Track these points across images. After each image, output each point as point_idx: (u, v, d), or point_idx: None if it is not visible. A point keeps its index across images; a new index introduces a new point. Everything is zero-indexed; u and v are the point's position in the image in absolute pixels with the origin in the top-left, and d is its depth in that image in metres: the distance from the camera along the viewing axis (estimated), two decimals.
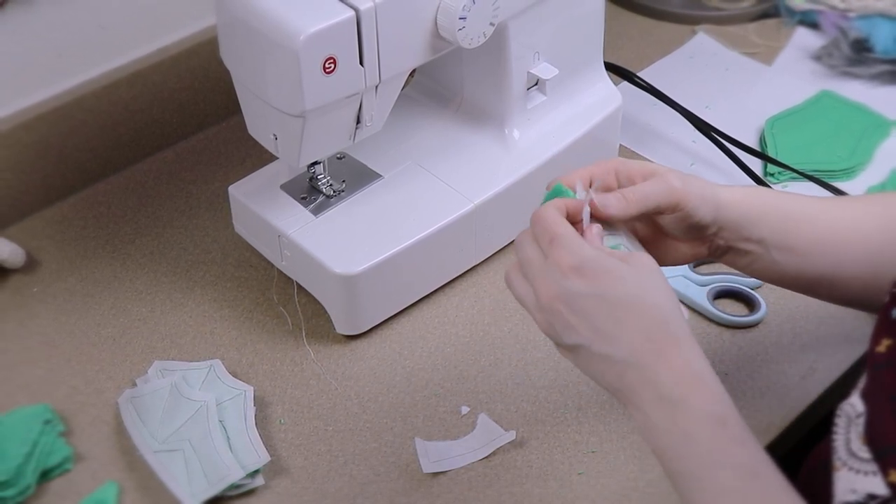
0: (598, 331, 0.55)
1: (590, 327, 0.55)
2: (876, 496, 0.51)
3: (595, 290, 0.55)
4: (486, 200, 0.81)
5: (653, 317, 0.55)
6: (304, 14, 0.68)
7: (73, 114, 0.90)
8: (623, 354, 0.55)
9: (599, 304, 0.55)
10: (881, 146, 0.94)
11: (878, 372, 0.55)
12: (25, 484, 0.69)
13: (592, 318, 0.55)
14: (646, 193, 0.61)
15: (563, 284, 0.56)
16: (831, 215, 0.66)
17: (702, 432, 0.53)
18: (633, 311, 0.55)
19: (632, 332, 0.55)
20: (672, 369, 0.54)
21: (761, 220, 0.65)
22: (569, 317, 0.56)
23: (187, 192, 0.93)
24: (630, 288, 0.55)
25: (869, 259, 0.65)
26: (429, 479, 0.70)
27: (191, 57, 0.95)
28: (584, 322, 0.55)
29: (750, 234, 0.65)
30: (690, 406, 0.53)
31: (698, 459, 0.53)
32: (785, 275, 0.67)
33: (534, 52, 0.83)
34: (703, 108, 0.98)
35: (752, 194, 0.66)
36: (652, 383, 0.54)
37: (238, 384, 0.76)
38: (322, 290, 0.80)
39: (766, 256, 0.65)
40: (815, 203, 0.67)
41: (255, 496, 0.70)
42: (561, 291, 0.56)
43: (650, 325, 0.55)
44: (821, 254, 0.65)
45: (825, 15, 1.06)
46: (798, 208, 0.66)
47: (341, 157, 0.85)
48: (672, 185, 0.62)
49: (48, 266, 0.87)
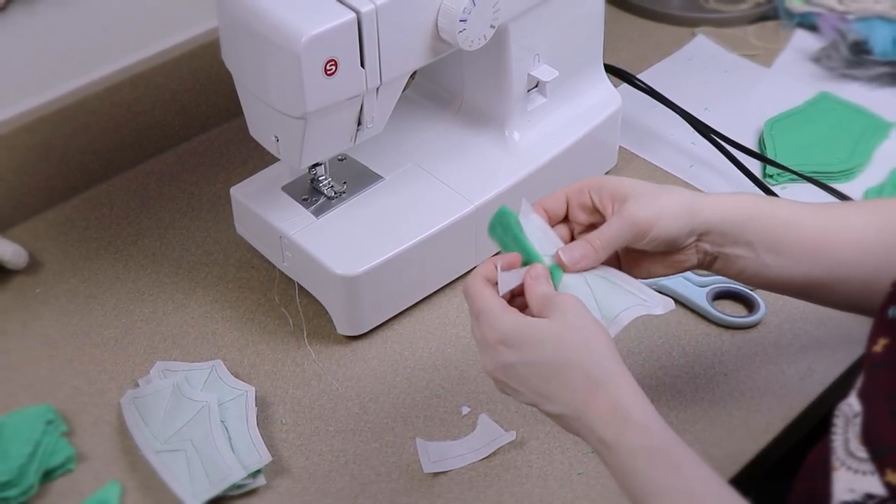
0: (537, 393, 0.59)
1: (530, 390, 0.60)
2: (874, 496, 0.51)
3: (522, 359, 0.59)
4: (487, 202, 0.82)
5: (572, 370, 0.58)
6: (305, 16, 0.68)
7: (76, 116, 0.90)
8: (562, 409, 0.59)
9: (529, 370, 0.59)
10: (880, 148, 0.95)
11: (875, 371, 0.55)
12: (28, 484, 0.70)
13: (529, 383, 0.59)
14: (611, 237, 0.63)
15: (496, 358, 0.60)
16: (820, 219, 0.66)
17: (635, 465, 0.56)
18: (556, 371, 0.58)
19: (561, 389, 0.58)
20: (599, 414, 0.57)
21: (747, 224, 0.65)
22: (511, 384, 0.60)
23: (189, 194, 0.94)
24: (549, 350, 0.58)
25: (864, 262, 0.65)
26: (429, 479, 0.71)
27: (193, 59, 0.95)
28: (523, 387, 0.60)
29: (736, 239, 0.65)
30: (621, 445, 0.57)
31: (638, 490, 0.57)
32: (777, 279, 0.67)
33: (534, 55, 0.83)
34: (703, 109, 0.98)
35: (737, 200, 0.66)
36: (589, 430, 0.58)
37: (240, 384, 0.76)
38: (323, 291, 0.80)
39: (756, 261, 0.66)
40: (804, 207, 0.67)
41: (257, 496, 0.70)
42: (496, 364, 0.60)
43: (573, 379, 0.58)
44: (812, 257, 0.65)
45: (824, 17, 1.06)
46: (785, 212, 0.66)
47: (342, 159, 0.85)
48: (636, 222, 0.63)
49: (51, 267, 0.87)
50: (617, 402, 0.57)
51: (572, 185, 0.66)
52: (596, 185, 0.65)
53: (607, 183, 0.65)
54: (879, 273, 0.64)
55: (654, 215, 0.63)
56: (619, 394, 0.57)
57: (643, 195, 0.64)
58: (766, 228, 0.65)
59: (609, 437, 0.57)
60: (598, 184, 0.65)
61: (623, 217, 0.63)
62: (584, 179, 0.66)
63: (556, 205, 0.65)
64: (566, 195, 0.66)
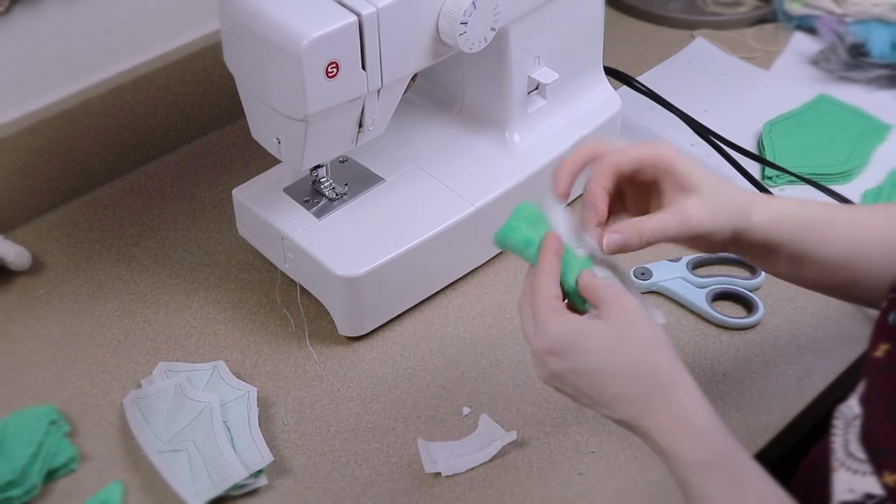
0: (590, 399, 0.58)
1: (583, 396, 0.58)
2: (873, 496, 0.51)
3: (571, 367, 0.58)
4: (488, 203, 0.82)
5: (626, 379, 0.56)
6: (306, 19, 0.68)
7: (79, 118, 0.91)
8: (618, 415, 0.58)
9: (578, 378, 0.58)
10: (878, 149, 0.95)
11: (876, 376, 0.55)
12: (31, 484, 0.70)
13: (581, 389, 0.58)
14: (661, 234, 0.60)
15: (546, 367, 0.59)
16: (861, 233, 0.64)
17: (691, 479, 0.55)
18: (609, 378, 0.57)
19: (615, 398, 0.57)
20: (658, 424, 0.56)
21: (789, 243, 0.63)
22: (565, 390, 0.59)
23: (191, 196, 0.94)
24: (599, 358, 0.57)
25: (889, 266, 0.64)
26: (430, 479, 0.71)
27: (195, 61, 0.96)
28: (577, 393, 0.59)
29: (772, 251, 0.64)
30: (680, 456, 0.55)
31: (694, 501, 0.55)
32: (799, 281, 0.67)
33: (534, 57, 0.84)
34: (702, 112, 0.99)
35: (783, 215, 0.63)
36: (647, 437, 0.57)
37: (242, 385, 0.76)
38: (325, 292, 0.80)
39: (783, 267, 0.65)
40: (846, 217, 0.65)
41: (259, 496, 0.70)
42: (547, 373, 0.59)
43: (627, 386, 0.56)
44: (844, 268, 0.64)
45: (822, 20, 1.07)
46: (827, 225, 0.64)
47: (344, 161, 0.86)
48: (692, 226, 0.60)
49: (54, 268, 0.87)
50: (676, 411, 0.55)
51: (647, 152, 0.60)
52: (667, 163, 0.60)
53: (675, 167, 0.60)
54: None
55: (711, 221, 0.60)
56: (678, 402, 0.56)
57: (706, 194, 0.60)
58: (807, 247, 0.64)
59: (667, 447, 0.55)
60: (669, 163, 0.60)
61: (682, 220, 0.60)
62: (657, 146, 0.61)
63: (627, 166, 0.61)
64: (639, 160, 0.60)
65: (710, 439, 0.55)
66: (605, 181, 0.61)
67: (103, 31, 0.91)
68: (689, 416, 0.55)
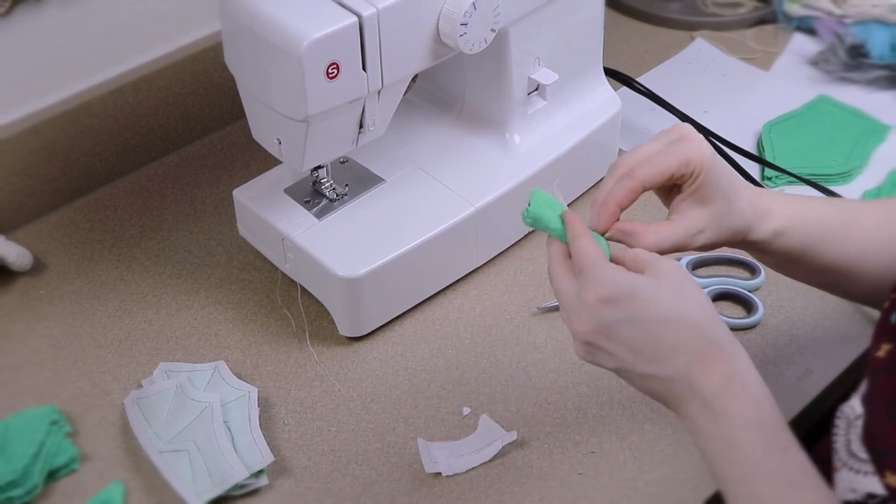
0: (638, 353, 0.56)
1: (629, 351, 0.56)
2: (875, 495, 0.52)
3: (627, 316, 0.56)
4: (488, 204, 0.82)
5: (687, 330, 0.55)
6: (307, 20, 0.68)
7: (80, 118, 0.91)
8: (666, 372, 0.56)
9: (634, 328, 0.56)
10: (877, 150, 0.95)
11: (878, 376, 0.55)
12: (32, 484, 0.70)
13: (630, 343, 0.56)
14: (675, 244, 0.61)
15: (596, 318, 0.56)
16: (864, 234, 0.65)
17: (741, 439, 0.54)
18: (667, 330, 0.55)
19: (670, 350, 0.55)
20: (713, 379, 0.54)
21: (802, 250, 0.64)
22: (607, 345, 0.57)
23: (192, 196, 0.94)
24: (660, 307, 0.55)
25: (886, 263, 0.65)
26: (431, 479, 0.71)
27: (196, 62, 0.96)
28: (622, 348, 0.56)
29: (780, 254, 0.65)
30: (731, 414, 0.54)
31: (737, 465, 0.54)
32: (796, 278, 0.68)
33: (534, 58, 0.84)
34: (702, 112, 0.99)
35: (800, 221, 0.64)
36: (696, 393, 0.55)
37: (242, 385, 0.76)
38: (325, 293, 0.81)
39: (785, 266, 0.66)
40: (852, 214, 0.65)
41: (260, 496, 0.70)
42: (595, 325, 0.56)
43: (686, 340, 0.55)
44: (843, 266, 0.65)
45: (822, 21, 1.07)
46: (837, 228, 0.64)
47: (344, 162, 0.86)
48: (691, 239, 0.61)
49: (55, 269, 0.87)
50: (735, 368, 0.55)
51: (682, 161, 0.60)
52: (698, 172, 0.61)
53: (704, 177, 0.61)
54: None
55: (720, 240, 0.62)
56: (737, 361, 0.55)
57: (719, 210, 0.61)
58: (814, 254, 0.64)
59: (720, 404, 0.54)
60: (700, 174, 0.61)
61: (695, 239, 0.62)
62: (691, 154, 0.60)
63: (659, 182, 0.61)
64: (672, 172, 0.61)
65: (763, 404, 0.54)
66: (625, 199, 0.61)
67: (104, 32, 0.91)
68: (746, 377, 0.55)
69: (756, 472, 0.53)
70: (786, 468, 0.53)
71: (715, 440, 0.55)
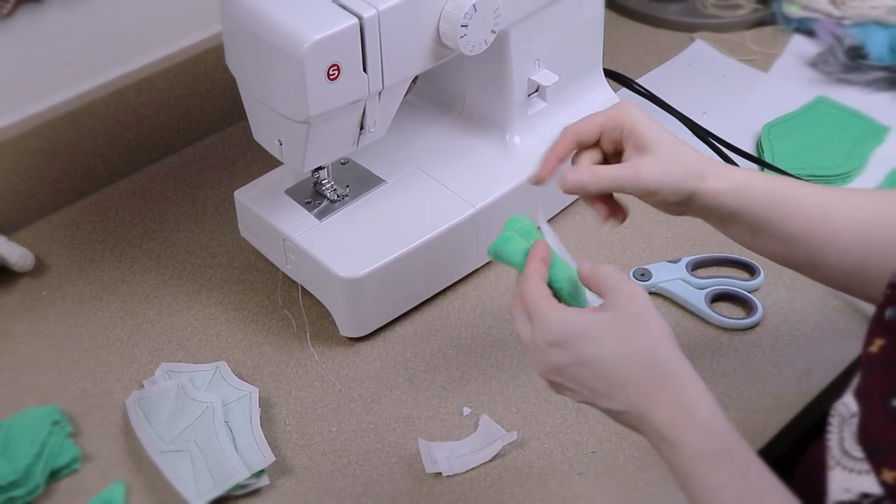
0: (593, 391, 0.58)
1: (586, 389, 0.58)
2: (869, 495, 0.51)
3: (574, 358, 0.57)
4: (488, 205, 0.82)
5: (632, 366, 0.56)
6: (308, 22, 0.69)
7: (81, 120, 0.91)
8: (621, 406, 0.57)
9: (583, 369, 0.57)
10: (876, 151, 0.95)
11: (871, 372, 0.55)
12: (34, 484, 0.70)
13: (583, 381, 0.58)
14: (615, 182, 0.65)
15: (548, 360, 0.58)
16: (827, 210, 0.65)
17: (697, 470, 0.55)
18: (613, 367, 0.57)
19: (620, 386, 0.57)
20: (663, 412, 0.56)
21: (745, 212, 0.65)
22: (566, 384, 0.59)
23: (194, 197, 0.94)
24: (605, 346, 0.57)
25: (856, 252, 0.65)
26: (431, 478, 0.71)
27: (197, 64, 0.96)
28: (578, 386, 0.58)
29: (733, 221, 0.66)
30: (683, 445, 0.55)
31: (697, 492, 0.55)
32: (765, 253, 0.68)
33: (534, 59, 0.84)
34: (701, 114, 0.99)
35: (741, 186, 0.65)
36: (651, 427, 0.56)
37: (243, 385, 0.76)
38: (326, 293, 0.81)
39: (747, 236, 0.67)
40: (808, 193, 0.66)
41: (261, 496, 0.71)
42: (549, 366, 0.59)
43: (632, 375, 0.56)
44: (807, 244, 0.65)
45: (821, 23, 1.07)
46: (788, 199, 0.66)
47: (345, 163, 0.86)
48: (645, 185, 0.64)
49: (57, 269, 0.88)
50: (682, 400, 0.55)
51: (608, 117, 0.66)
52: (628, 126, 0.65)
53: (636, 128, 0.65)
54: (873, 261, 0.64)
55: (660, 178, 0.64)
56: (684, 391, 0.56)
57: (660, 154, 0.64)
58: (764, 217, 0.65)
59: (673, 436, 0.55)
60: (630, 125, 0.65)
61: (636, 175, 0.64)
62: (618, 111, 0.66)
63: (588, 135, 0.66)
64: (601, 126, 0.66)
65: (715, 431, 0.55)
66: (563, 151, 0.66)
67: (106, 34, 0.91)
68: (695, 407, 0.55)
69: (717, 499, 0.54)
70: (746, 491, 0.54)
71: (675, 469, 0.56)
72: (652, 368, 0.56)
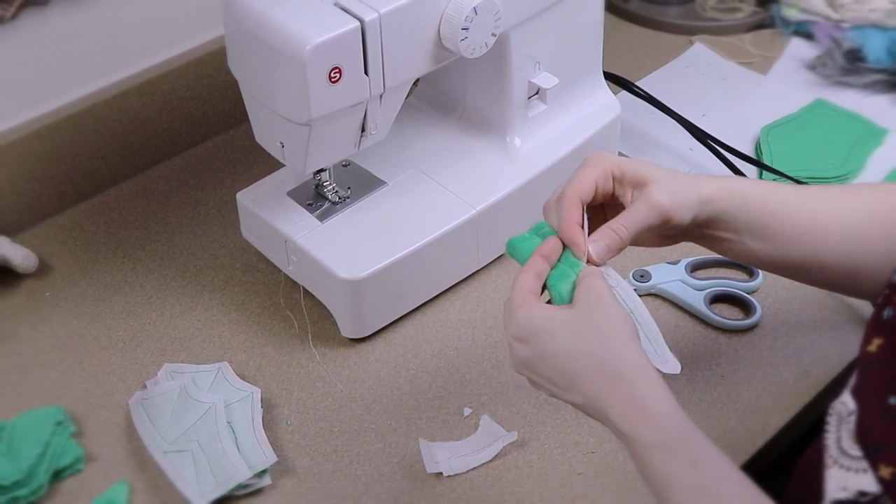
0: (555, 384, 0.60)
1: (549, 383, 0.60)
2: (866, 493, 0.52)
3: (537, 352, 0.59)
4: (489, 207, 0.83)
5: (586, 361, 0.58)
6: (310, 25, 0.69)
7: (84, 122, 0.92)
8: (581, 399, 0.59)
9: (544, 363, 0.59)
10: (874, 154, 0.96)
11: (869, 370, 0.56)
12: (38, 484, 0.70)
13: (547, 375, 0.60)
14: (638, 224, 0.63)
15: (516, 355, 0.61)
16: (812, 207, 0.66)
17: (650, 461, 0.56)
18: (569, 362, 0.58)
19: (577, 380, 0.58)
20: (617, 407, 0.57)
21: (738, 214, 0.65)
22: (534, 378, 0.61)
23: (196, 199, 0.95)
24: (560, 341, 0.58)
25: (847, 249, 0.66)
26: (432, 479, 0.72)
27: (199, 66, 0.96)
28: (542, 380, 0.60)
29: (726, 226, 0.66)
30: (636, 438, 0.56)
31: (654, 482, 0.57)
32: (759, 261, 0.68)
33: (534, 62, 0.84)
34: (700, 116, 0.99)
35: (730, 188, 0.66)
36: (607, 419, 0.58)
37: (245, 386, 0.77)
38: (328, 295, 0.81)
39: (740, 244, 0.67)
40: (796, 193, 0.67)
41: (262, 496, 0.71)
42: (516, 360, 0.61)
43: (587, 370, 0.58)
44: (799, 243, 0.66)
45: (819, 25, 1.08)
46: (777, 199, 0.66)
47: (346, 165, 0.86)
48: (662, 211, 0.63)
49: (60, 271, 0.88)
50: (634, 393, 0.56)
51: (596, 170, 0.64)
52: (618, 171, 0.64)
53: (627, 170, 0.64)
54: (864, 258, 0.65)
55: (675, 203, 0.63)
56: (637, 385, 0.57)
57: (662, 180, 0.64)
58: (755, 219, 0.65)
59: (626, 430, 0.56)
60: (619, 170, 0.64)
61: (650, 205, 0.63)
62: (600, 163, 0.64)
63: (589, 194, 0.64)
64: (595, 182, 0.64)
65: (666, 423, 0.56)
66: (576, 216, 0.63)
67: (109, 37, 0.92)
68: (647, 400, 0.57)
69: (671, 488, 0.55)
70: (698, 480, 0.55)
71: (634, 461, 0.58)
72: (605, 363, 0.57)
